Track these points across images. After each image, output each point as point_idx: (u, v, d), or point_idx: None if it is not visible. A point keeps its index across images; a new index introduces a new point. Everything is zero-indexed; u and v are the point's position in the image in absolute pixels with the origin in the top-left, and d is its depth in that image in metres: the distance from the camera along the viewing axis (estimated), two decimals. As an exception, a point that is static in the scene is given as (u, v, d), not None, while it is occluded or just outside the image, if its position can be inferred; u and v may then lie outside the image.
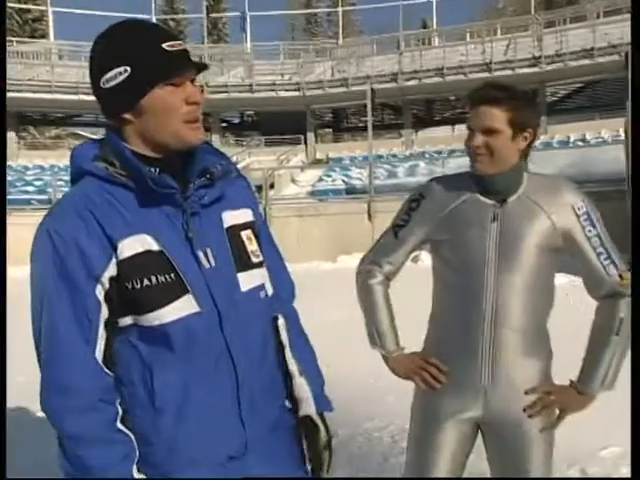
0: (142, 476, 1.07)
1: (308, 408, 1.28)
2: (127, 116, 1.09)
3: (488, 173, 1.56)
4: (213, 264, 1.14)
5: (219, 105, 25.51)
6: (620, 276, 1.59)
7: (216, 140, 26.30)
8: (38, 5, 30.65)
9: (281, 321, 1.29)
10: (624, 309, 1.59)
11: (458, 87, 23.81)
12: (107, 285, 1.07)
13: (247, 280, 1.19)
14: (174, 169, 1.13)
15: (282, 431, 1.24)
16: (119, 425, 1.07)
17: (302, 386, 1.28)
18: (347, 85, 23.30)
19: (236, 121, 30.28)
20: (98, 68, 1.10)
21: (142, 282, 1.07)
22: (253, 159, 22.91)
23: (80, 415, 1.04)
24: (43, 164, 23.25)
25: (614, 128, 17.83)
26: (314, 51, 27.54)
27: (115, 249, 1.06)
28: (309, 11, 38.78)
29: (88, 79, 1.12)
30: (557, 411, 1.62)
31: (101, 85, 1.09)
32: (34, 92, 22.88)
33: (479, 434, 1.66)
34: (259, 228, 1.28)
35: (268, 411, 1.20)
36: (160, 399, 1.10)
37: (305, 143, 25.08)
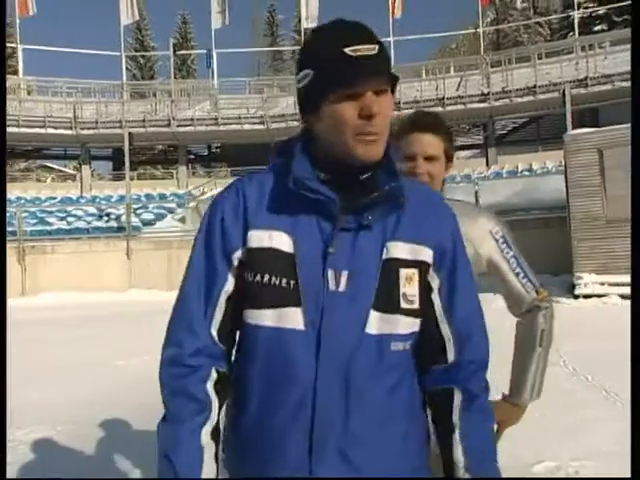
0: (209, 441, 1.00)
1: None
2: (311, 119, 1.03)
3: None
4: (342, 289, 0.99)
5: (186, 138, 25.57)
6: (537, 292, 1.62)
7: (183, 171, 26.26)
8: (10, 42, 30.33)
9: (457, 399, 1.04)
10: (543, 322, 1.62)
11: (414, 121, 24.49)
12: (235, 264, 1.03)
13: (380, 323, 0.99)
14: (349, 181, 1.02)
15: None
16: (207, 387, 1.02)
17: None
18: (309, 119, 23.73)
19: (204, 153, 30.34)
20: (296, 67, 1.05)
21: (255, 277, 1.01)
22: (220, 189, 22.91)
23: (173, 365, 1.03)
24: (9, 196, 22.72)
25: (557, 159, 18.59)
26: (278, 86, 27.94)
27: (246, 236, 1.03)
28: (274, 49, 39.48)
29: (56, 113, 1.04)
30: (495, 426, 1.56)
31: (297, 85, 1.04)
32: (2, 125, 22.49)
33: None
34: (450, 274, 1.06)
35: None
36: (238, 398, 1.05)
37: (270, 174, 25.23)
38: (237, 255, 1.03)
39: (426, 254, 1.03)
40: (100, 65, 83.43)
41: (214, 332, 1.03)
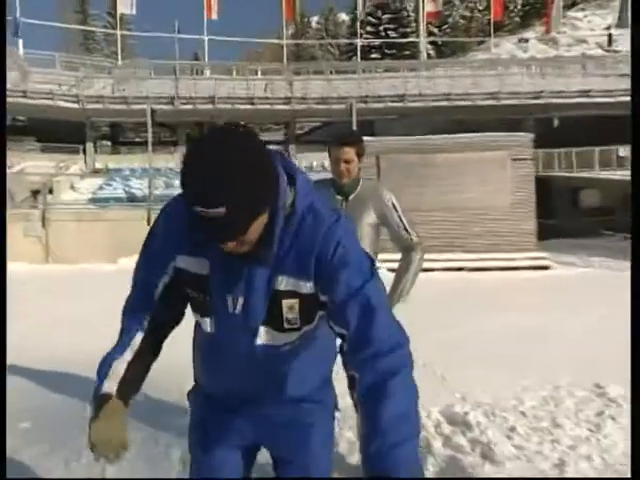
0: (119, 364, 1.22)
1: (365, 467, 1.10)
2: None
3: (347, 183, 2.44)
4: (238, 311, 1.23)
5: (-12, 107, 23.56)
6: (412, 239, 2.48)
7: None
8: None
9: (358, 385, 1.16)
10: (414, 257, 2.49)
11: (227, 114, 26.31)
12: (172, 271, 1.27)
13: (268, 336, 1.25)
14: None
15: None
16: (137, 330, 1.27)
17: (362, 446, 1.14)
18: (127, 103, 23.97)
19: (7, 124, 27.83)
20: None
21: (186, 289, 1.27)
22: (29, 164, 21.92)
23: (125, 308, 1.31)
24: None
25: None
26: (93, 67, 27.23)
27: (177, 257, 1.25)
28: (87, 28, 37.36)
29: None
30: None
31: None
32: None
33: None
34: (336, 292, 1.16)
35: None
36: (195, 349, 1.42)
37: (84, 152, 24.81)
38: (172, 265, 1.26)
39: (306, 287, 1.20)
40: None
41: (155, 299, 1.28)
